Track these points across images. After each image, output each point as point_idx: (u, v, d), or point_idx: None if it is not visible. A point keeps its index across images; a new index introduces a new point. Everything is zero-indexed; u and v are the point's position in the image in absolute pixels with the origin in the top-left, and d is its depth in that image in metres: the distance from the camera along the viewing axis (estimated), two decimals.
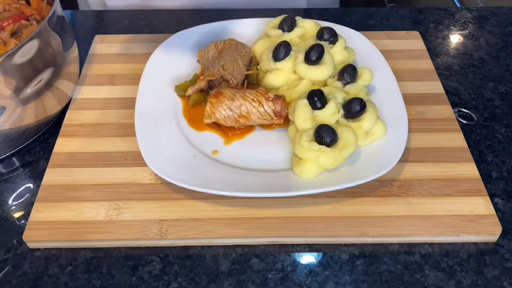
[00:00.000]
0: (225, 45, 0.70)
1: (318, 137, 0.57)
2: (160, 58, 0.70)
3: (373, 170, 0.56)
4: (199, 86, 0.66)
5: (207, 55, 0.70)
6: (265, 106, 0.61)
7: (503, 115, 0.69)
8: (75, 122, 0.66)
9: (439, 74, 0.74)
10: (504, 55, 0.79)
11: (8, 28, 0.61)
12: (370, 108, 0.60)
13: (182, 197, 0.57)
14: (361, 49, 0.72)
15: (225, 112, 0.61)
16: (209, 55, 0.70)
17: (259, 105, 0.61)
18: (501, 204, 0.58)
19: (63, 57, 0.62)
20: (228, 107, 0.61)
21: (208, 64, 0.69)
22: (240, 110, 0.61)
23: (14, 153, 0.63)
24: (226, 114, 0.61)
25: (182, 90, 0.67)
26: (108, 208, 0.56)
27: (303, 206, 0.56)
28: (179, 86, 0.68)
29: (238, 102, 0.61)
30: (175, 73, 0.70)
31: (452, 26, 0.85)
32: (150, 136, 0.60)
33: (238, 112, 0.61)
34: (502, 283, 0.51)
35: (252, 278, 0.52)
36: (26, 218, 0.56)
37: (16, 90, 0.56)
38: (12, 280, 0.51)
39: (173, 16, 0.86)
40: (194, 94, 0.66)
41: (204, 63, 0.70)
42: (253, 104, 0.61)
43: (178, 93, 0.67)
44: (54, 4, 0.59)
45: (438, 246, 0.54)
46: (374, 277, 0.52)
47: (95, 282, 0.51)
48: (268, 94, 0.62)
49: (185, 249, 0.54)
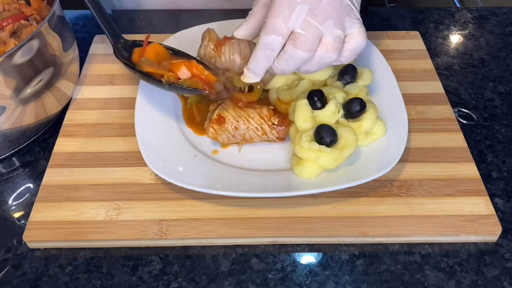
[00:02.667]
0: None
1: (318, 137, 0.57)
2: None
3: (373, 170, 0.56)
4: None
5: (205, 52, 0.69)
6: (268, 134, 0.60)
7: (503, 115, 0.69)
8: (75, 122, 0.66)
9: (439, 74, 0.74)
10: (504, 55, 0.79)
11: (7, 28, 0.61)
12: (370, 108, 0.60)
13: (182, 197, 0.57)
14: None
15: (228, 139, 0.61)
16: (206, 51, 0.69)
17: (262, 134, 0.60)
18: (501, 204, 0.59)
19: (63, 57, 0.62)
20: (231, 135, 0.60)
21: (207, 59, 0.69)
22: (244, 136, 0.60)
23: (14, 153, 0.63)
24: (228, 140, 0.61)
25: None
26: (108, 208, 0.56)
27: (303, 206, 0.56)
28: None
29: (241, 130, 0.60)
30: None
31: (452, 26, 0.85)
32: (150, 136, 0.60)
33: (241, 138, 0.61)
34: (502, 283, 0.51)
35: (252, 278, 0.52)
36: (26, 218, 0.56)
37: (16, 90, 0.56)
38: (12, 280, 0.51)
39: (173, 16, 0.86)
40: (192, 96, 0.66)
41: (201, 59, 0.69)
42: (257, 132, 0.60)
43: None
44: (54, 4, 0.59)
45: (438, 246, 0.54)
46: (374, 277, 0.52)
47: (95, 282, 0.51)
48: (271, 120, 0.60)
49: (185, 249, 0.54)
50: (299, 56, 0.53)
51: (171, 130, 0.63)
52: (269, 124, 0.60)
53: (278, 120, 0.60)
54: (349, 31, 0.54)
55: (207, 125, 0.61)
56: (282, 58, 0.54)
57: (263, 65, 0.55)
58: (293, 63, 0.54)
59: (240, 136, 0.60)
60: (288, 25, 0.52)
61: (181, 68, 0.59)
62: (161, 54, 0.64)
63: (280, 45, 0.53)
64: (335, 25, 0.53)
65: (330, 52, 0.53)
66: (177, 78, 0.59)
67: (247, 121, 0.60)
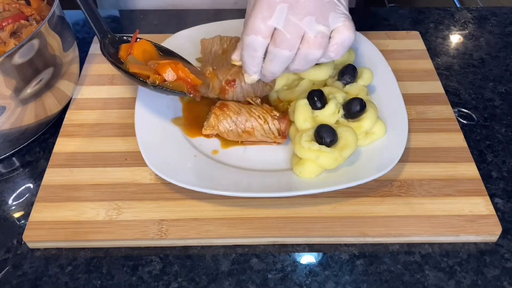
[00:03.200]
0: (231, 44, 0.69)
1: (318, 137, 0.57)
2: None
3: (373, 170, 0.56)
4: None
5: (210, 47, 0.70)
6: (270, 124, 0.60)
7: (503, 115, 0.69)
8: (75, 122, 0.66)
9: (439, 74, 0.74)
10: (504, 55, 0.79)
11: (7, 28, 0.61)
12: (370, 108, 0.60)
13: (182, 197, 0.57)
14: (361, 49, 0.72)
15: (229, 126, 0.60)
16: (213, 48, 0.69)
17: (264, 122, 0.60)
18: (501, 204, 0.59)
19: (63, 57, 0.62)
20: (233, 121, 0.60)
21: (209, 57, 0.69)
22: (245, 125, 0.60)
23: (14, 153, 0.63)
24: (229, 128, 0.61)
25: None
26: (108, 208, 0.56)
27: (303, 206, 0.56)
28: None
29: (243, 117, 0.60)
30: None
31: (452, 26, 0.85)
32: (150, 136, 0.60)
33: (242, 127, 0.60)
34: (502, 283, 0.51)
35: (252, 278, 0.52)
36: (26, 218, 0.56)
37: (16, 90, 0.56)
38: (12, 280, 0.51)
39: (173, 16, 0.86)
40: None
41: (205, 54, 0.70)
42: (259, 120, 0.60)
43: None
44: (54, 4, 0.59)
45: (438, 246, 0.54)
46: (374, 277, 0.52)
47: (95, 282, 0.51)
48: (273, 112, 0.61)
49: (185, 249, 0.54)
50: (282, 55, 0.54)
51: (171, 130, 0.63)
52: (271, 114, 0.61)
53: (280, 113, 0.61)
54: (335, 26, 0.54)
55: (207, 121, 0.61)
56: (267, 59, 0.55)
57: (251, 65, 0.56)
58: (277, 63, 0.55)
59: (242, 125, 0.60)
60: (267, 24, 0.52)
61: (167, 70, 0.59)
62: (149, 52, 0.64)
63: (262, 45, 0.54)
64: (317, 21, 0.53)
65: (313, 48, 0.53)
66: (162, 80, 0.59)
67: (250, 110, 0.61)
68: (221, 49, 0.69)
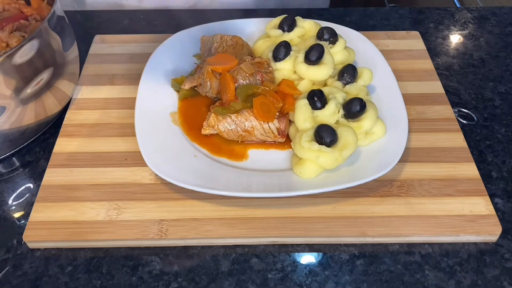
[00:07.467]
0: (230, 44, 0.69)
1: (318, 137, 0.57)
2: (160, 58, 0.70)
3: (373, 170, 0.56)
4: (197, 82, 0.66)
5: (209, 45, 0.70)
6: (270, 123, 0.60)
7: (503, 115, 0.69)
8: (75, 122, 0.66)
9: (439, 74, 0.74)
10: (504, 55, 0.79)
11: (7, 28, 0.61)
12: (370, 108, 0.60)
13: (182, 197, 0.57)
14: (361, 49, 0.72)
15: (229, 125, 0.61)
16: (212, 46, 0.70)
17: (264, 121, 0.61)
18: (501, 204, 0.59)
19: (63, 57, 0.62)
20: (233, 121, 0.60)
21: (208, 53, 0.69)
22: (245, 125, 0.60)
23: (14, 153, 0.63)
24: (229, 127, 0.61)
25: (179, 85, 0.67)
26: (108, 208, 0.56)
27: (303, 206, 0.56)
28: (175, 80, 0.68)
29: (244, 116, 0.60)
30: (175, 73, 0.70)
31: (452, 26, 0.85)
32: (150, 136, 0.60)
33: (242, 127, 0.60)
34: (502, 283, 0.51)
35: (252, 278, 0.52)
36: (26, 218, 0.56)
37: (16, 90, 0.56)
38: (12, 280, 0.51)
39: (173, 16, 0.86)
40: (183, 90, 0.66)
41: (205, 51, 0.70)
42: (259, 120, 0.60)
43: (175, 88, 0.67)
44: (54, 4, 0.59)
45: (438, 246, 0.54)
46: (374, 277, 0.52)
47: (95, 282, 0.51)
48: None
49: (185, 249, 0.54)
50: None
51: (171, 130, 0.63)
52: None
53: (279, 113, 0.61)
54: None
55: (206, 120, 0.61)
56: None
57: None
58: None
59: (242, 124, 0.60)
60: None
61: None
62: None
63: None
64: None
65: None
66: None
67: (250, 110, 0.61)
68: (221, 47, 0.69)
